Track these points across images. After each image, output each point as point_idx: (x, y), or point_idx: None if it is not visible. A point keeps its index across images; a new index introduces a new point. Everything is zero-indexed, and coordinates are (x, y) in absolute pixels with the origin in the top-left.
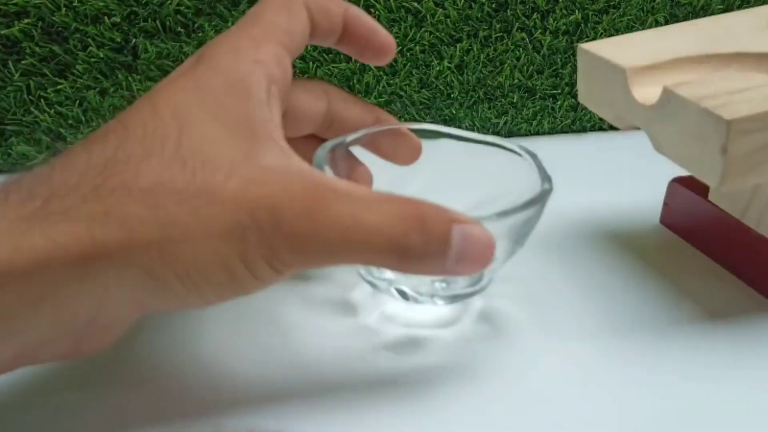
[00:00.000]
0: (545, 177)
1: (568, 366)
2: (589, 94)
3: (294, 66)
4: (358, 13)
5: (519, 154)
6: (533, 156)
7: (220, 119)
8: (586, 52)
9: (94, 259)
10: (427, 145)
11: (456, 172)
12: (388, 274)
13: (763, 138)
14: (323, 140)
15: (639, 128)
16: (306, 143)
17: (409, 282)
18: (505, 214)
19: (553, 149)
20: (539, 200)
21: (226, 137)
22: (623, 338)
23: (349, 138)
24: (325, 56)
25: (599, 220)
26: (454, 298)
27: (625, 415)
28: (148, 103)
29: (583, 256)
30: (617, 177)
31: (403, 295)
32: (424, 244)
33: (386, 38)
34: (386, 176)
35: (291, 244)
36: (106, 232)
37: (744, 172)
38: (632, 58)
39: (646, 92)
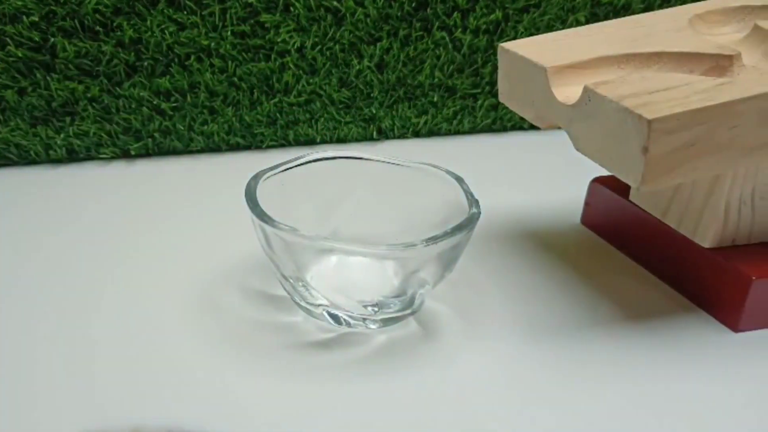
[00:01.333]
0: (472, 201)
1: (487, 364)
2: (509, 94)
3: (212, 65)
4: None
5: (446, 178)
6: (460, 180)
7: None
8: (507, 52)
9: None
10: (355, 170)
11: (385, 197)
12: (321, 299)
13: (683, 137)
14: None
15: (560, 127)
16: None
17: (341, 307)
18: (433, 240)
19: (474, 149)
20: (467, 226)
21: None
22: (542, 338)
23: None
24: (244, 55)
25: (520, 219)
26: (386, 322)
27: (539, 413)
28: None
29: (504, 256)
30: (538, 177)
31: (336, 319)
32: None
33: None
34: (317, 201)
35: None
36: None
37: (665, 172)
38: (553, 57)
39: (567, 91)
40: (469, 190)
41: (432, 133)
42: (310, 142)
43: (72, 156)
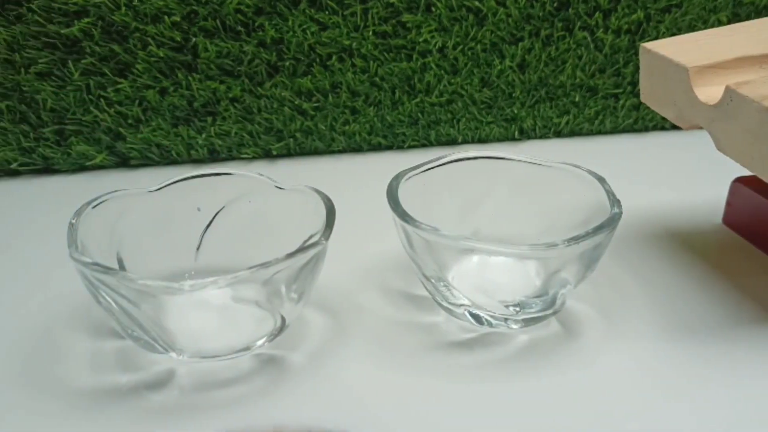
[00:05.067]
0: (614, 201)
1: (629, 364)
2: (651, 94)
3: (354, 65)
4: None
5: (587, 178)
6: (602, 180)
7: None
8: (649, 52)
9: None
10: (497, 170)
11: (525, 197)
12: (462, 299)
13: None
14: None
15: (701, 127)
16: None
17: (482, 307)
18: (575, 240)
19: (616, 149)
20: (609, 226)
21: None
22: (684, 338)
23: None
24: (386, 55)
25: (662, 219)
26: (528, 322)
27: (680, 413)
28: None
29: (646, 256)
30: (680, 176)
31: (478, 319)
32: None
33: None
34: (457, 202)
35: None
36: None
37: None
38: (694, 57)
39: (709, 91)
40: (610, 190)
41: (573, 133)
42: (451, 142)
43: (213, 156)
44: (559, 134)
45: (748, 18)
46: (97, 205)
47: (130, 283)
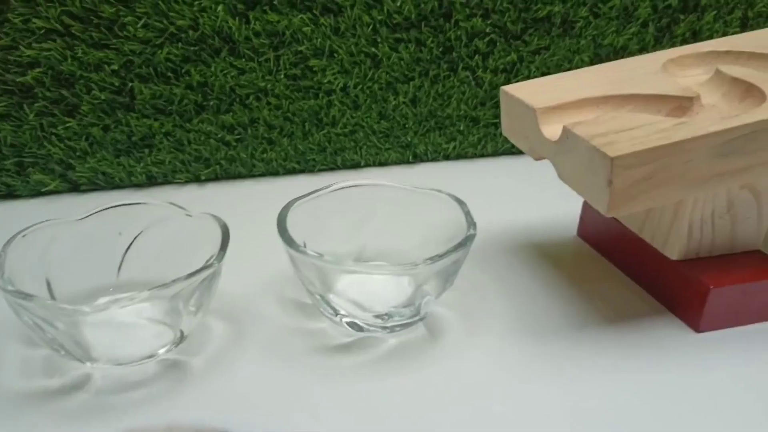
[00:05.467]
0: (471, 223)
1: (489, 360)
2: (510, 128)
3: (269, 103)
4: None
5: (450, 201)
6: (461, 203)
7: None
8: (506, 93)
9: None
10: (375, 194)
11: (402, 218)
12: (342, 310)
13: (643, 172)
14: None
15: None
16: None
17: (358, 317)
18: (435, 259)
19: (495, 169)
20: (464, 245)
21: None
22: (536, 337)
23: None
24: (296, 94)
25: (525, 231)
26: (398, 327)
27: (531, 398)
28: None
29: (509, 264)
30: (545, 193)
31: (355, 327)
32: None
33: None
34: (345, 223)
35: None
36: None
37: (627, 200)
38: (542, 99)
39: (553, 129)
40: (468, 212)
41: (460, 156)
42: (355, 165)
43: (151, 181)
44: (447, 157)
45: (607, 58)
46: (27, 234)
47: (43, 307)
